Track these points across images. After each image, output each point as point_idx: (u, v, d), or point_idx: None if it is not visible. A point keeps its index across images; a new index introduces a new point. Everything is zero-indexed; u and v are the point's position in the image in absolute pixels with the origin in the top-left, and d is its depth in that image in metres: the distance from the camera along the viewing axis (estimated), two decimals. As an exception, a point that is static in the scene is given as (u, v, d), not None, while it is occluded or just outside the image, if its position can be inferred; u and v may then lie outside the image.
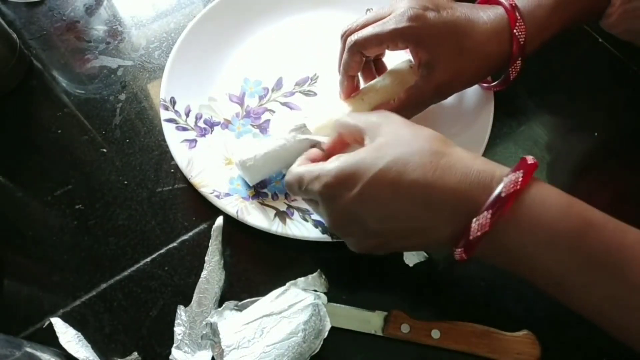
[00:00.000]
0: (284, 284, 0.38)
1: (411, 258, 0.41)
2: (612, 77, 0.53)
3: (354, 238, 0.35)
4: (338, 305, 0.40)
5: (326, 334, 0.37)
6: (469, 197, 0.30)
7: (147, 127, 0.50)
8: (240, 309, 0.38)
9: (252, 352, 0.35)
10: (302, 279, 0.39)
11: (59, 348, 0.38)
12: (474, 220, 0.29)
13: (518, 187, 0.29)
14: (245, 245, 0.42)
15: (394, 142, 0.32)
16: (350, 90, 0.43)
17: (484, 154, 0.45)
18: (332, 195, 0.33)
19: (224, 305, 0.38)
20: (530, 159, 0.30)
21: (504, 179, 0.29)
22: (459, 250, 0.31)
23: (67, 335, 0.39)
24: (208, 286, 0.40)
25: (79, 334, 0.39)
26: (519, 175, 0.29)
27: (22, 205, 0.46)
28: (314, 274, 0.39)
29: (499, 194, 0.29)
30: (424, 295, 0.41)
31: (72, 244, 0.43)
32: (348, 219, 0.33)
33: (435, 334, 0.38)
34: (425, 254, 0.41)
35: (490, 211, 0.29)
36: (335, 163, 0.33)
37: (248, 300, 0.39)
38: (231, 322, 0.37)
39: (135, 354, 0.39)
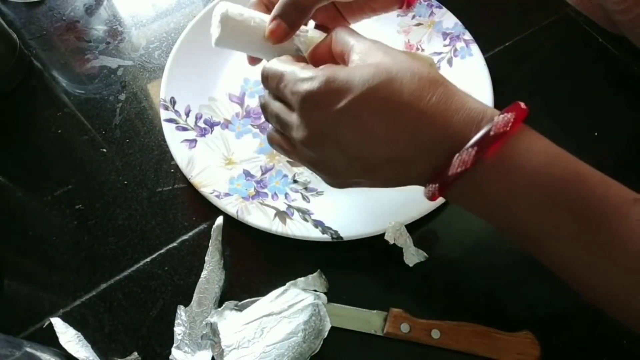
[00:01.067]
0: (284, 284, 0.38)
1: (411, 258, 0.41)
2: (612, 77, 0.53)
3: (323, 160, 0.32)
4: (338, 305, 0.40)
5: (326, 334, 0.37)
6: (457, 131, 0.28)
7: (147, 127, 0.50)
8: (240, 309, 0.38)
9: (252, 352, 0.35)
10: (302, 279, 0.39)
11: (59, 348, 0.38)
12: (457, 155, 0.27)
13: (508, 128, 0.27)
14: (245, 245, 0.42)
15: (391, 61, 0.29)
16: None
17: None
18: (316, 103, 0.29)
19: (224, 305, 0.38)
20: (523, 105, 0.29)
21: (495, 118, 0.28)
22: (434, 186, 0.29)
23: (67, 335, 0.39)
24: (208, 286, 0.40)
25: (79, 334, 0.39)
26: (511, 117, 0.28)
27: (22, 205, 0.46)
28: (314, 274, 0.39)
29: (487, 132, 0.27)
30: (424, 295, 0.41)
31: (72, 244, 0.43)
32: (325, 136, 0.30)
33: (435, 333, 0.38)
34: (425, 254, 0.41)
35: (475, 148, 0.27)
36: (327, 70, 0.29)
37: (248, 300, 0.39)
38: (231, 322, 0.37)
39: (135, 354, 0.39)
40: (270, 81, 0.33)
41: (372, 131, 0.29)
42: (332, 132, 0.29)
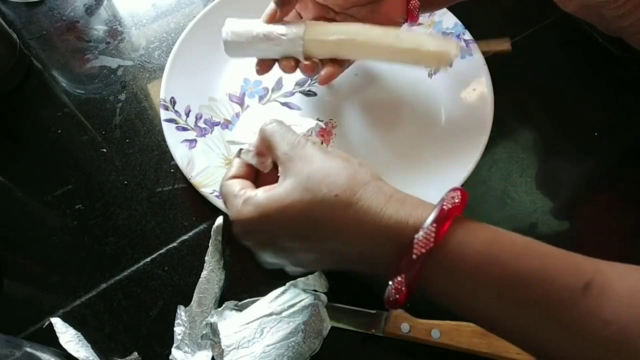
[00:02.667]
0: (284, 284, 0.38)
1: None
2: (612, 77, 0.53)
3: (284, 260, 0.33)
4: (338, 305, 0.40)
5: (326, 334, 0.37)
6: (412, 214, 0.28)
7: (147, 127, 0.50)
8: (240, 309, 0.39)
9: (252, 352, 0.35)
10: (302, 279, 0.39)
11: (59, 348, 0.38)
12: (416, 235, 0.27)
13: (458, 203, 0.28)
14: (245, 245, 0.42)
15: (321, 175, 0.30)
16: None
17: (484, 154, 0.45)
18: (257, 230, 0.31)
19: (224, 305, 0.38)
20: (460, 187, 0.30)
21: (443, 197, 0.28)
22: (399, 279, 0.28)
23: (67, 335, 0.39)
24: (208, 286, 0.40)
25: (79, 334, 0.39)
26: (457, 194, 0.28)
27: (22, 205, 0.46)
28: (314, 274, 0.39)
29: (441, 208, 0.27)
30: (424, 295, 0.41)
31: (72, 244, 0.43)
32: (276, 250, 0.32)
33: (435, 333, 0.38)
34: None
35: (434, 225, 0.27)
36: (263, 195, 0.31)
37: (248, 300, 0.39)
38: (231, 322, 0.37)
39: (135, 354, 0.39)
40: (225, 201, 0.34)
41: (333, 230, 0.29)
42: (280, 245, 0.31)
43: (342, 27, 0.41)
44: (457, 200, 0.28)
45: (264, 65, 0.43)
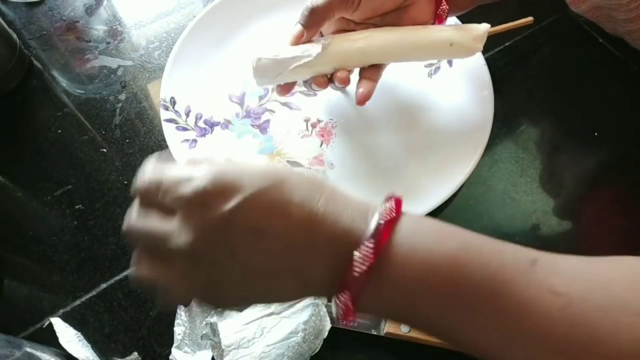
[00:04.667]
0: (284, 284, 0.38)
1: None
2: (612, 77, 0.53)
3: (210, 272, 0.28)
4: (338, 305, 0.40)
5: (326, 334, 0.37)
6: (351, 228, 0.27)
7: (147, 127, 0.50)
8: (240, 309, 0.39)
9: (252, 352, 0.35)
10: (302, 279, 0.39)
11: (59, 348, 0.38)
12: (355, 252, 0.26)
13: (394, 214, 0.27)
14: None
15: (277, 166, 0.29)
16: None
17: (484, 154, 0.45)
18: (203, 204, 0.26)
19: (224, 305, 0.38)
20: (396, 194, 0.28)
21: (379, 209, 0.27)
22: (344, 296, 0.26)
23: (67, 335, 0.39)
24: (208, 286, 0.40)
25: (79, 334, 0.39)
26: (392, 204, 0.27)
27: (22, 205, 0.46)
28: (314, 274, 0.39)
29: (378, 222, 0.26)
30: (424, 295, 0.41)
31: (72, 244, 0.43)
32: (215, 239, 0.27)
33: (435, 334, 0.38)
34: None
35: (372, 241, 0.26)
36: (214, 167, 0.27)
37: (248, 300, 0.39)
38: (231, 322, 0.37)
39: (135, 354, 0.39)
40: (149, 189, 0.28)
41: (264, 232, 0.26)
42: (222, 235, 0.26)
43: (367, 33, 0.40)
44: (392, 214, 0.27)
45: (285, 87, 0.43)
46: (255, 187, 0.26)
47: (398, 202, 0.28)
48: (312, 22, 0.40)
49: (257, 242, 0.26)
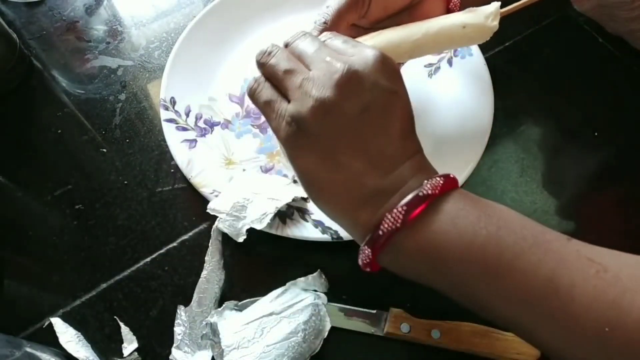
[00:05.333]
0: (284, 284, 0.38)
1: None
2: (612, 77, 0.53)
3: (313, 134, 0.30)
4: (338, 305, 0.40)
5: (326, 334, 0.37)
6: (404, 182, 0.29)
7: (147, 127, 0.50)
8: (240, 309, 0.39)
9: (252, 352, 0.35)
10: (302, 279, 0.39)
11: (59, 348, 0.38)
12: (388, 213, 0.28)
13: (437, 191, 0.28)
14: (245, 245, 0.42)
15: None
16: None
17: (484, 154, 0.45)
18: (373, 70, 0.29)
19: (224, 305, 0.38)
20: (452, 175, 0.30)
21: (427, 181, 0.28)
22: (367, 249, 0.29)
23: (67, 335, 0.39)
24: (208, 286, 0.40)
25: (79, 334, 0.39)
26: (440, 180, 0.28)
27: (22, 205, 0.46)
28: (314, 274, 0.39)
29: (417, 193, 0.28)
30: (424, 294, 0.41)
31: (72, 244, 0.43)
32: (356, 91, 0.29)
33: (435, 333, 0.38)
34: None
35: (404, 207, 0.28)
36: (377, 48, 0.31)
37: (248, 300, 0.39)
38: (231, 322, 0.37)
39: (135, 354, 0.39)
40: (305, 40, 0.33)
41: (388, 128, 0.30)
42: (363, 90, 0.29)
43: (375, 33, 0.39)
44: (436, 190, 0.28)
45: None
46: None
47: (449, 182, 0.29)
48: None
49: (384, 112, 0.30)
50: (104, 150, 0.48)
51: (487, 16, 0.37)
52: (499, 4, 0.38)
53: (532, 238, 0.26)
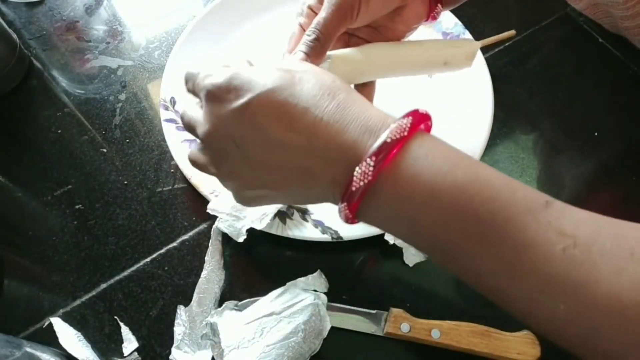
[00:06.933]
0: (284, 284, 0.38)
1: (411, 258, 0.41)
2: (612, 77, 0.53)
3: (225, 163, 0.31)
4: (338, 305, 0.40)
5: (326, 334, 0.37)
6: (353, 141, 0.27)
7: (147, 127, 0.50)
8: (240, 309, 0.39)
9: (252, 352, 0.35)
10: (302, 279, 0.39)
11: (59, 348, 0.38)
12: (357, 168, 0.26)
13: (405, 134, 0.26)
14: (245, 245, 0.42)
15: (299, 68, 0.30)
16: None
17: (484, 154, 0.45)
18: (218, 97, 0.29)
19: (224, 305, 0.38)
20: (422, 110, 0.28)
21: (391, 125, 0.26)
22: (343, 205, 0.28)
23: (67, 335, 0.39)
24: (208, 286, 0.40)
25: (79, 334, 0.39)
26: (407, 122, 0.26)
27: (22, 205, 0.46)
28: (314, 274, 0.39)
29: (384, 140, 0.26)
30: (424, 294, 0.41)
31: (72, 244, 0.43)
32: (226, 132, 0.29)
33: (435, 333, 0.38)
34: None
35: (373, 158, 0.26)
36: (234, 68, 0.30)
37: (248, 300, 0.39)
38: (231, 322, 0.37)
39: (135, 354, 0.39)
40: (189, 79, 0.33)
41: (267, 132, 0.28)
42: (232, 130, 0.29)
43: (365, 49, 0.39)
44: (405, 132, 0.26)
45: None
46: (265, 87, 0.28)
47: (417, 119, 0.27)
48: (318, 51, 0.36)
49: (262, 138, 0.28)
50: (104, 150, 0.48)
51: (466, 57, 0.41)
52: (479, 45, 0.41)
53: (503, 199, 0.25)
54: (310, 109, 0.27)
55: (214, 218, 0.43)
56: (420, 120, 0.27)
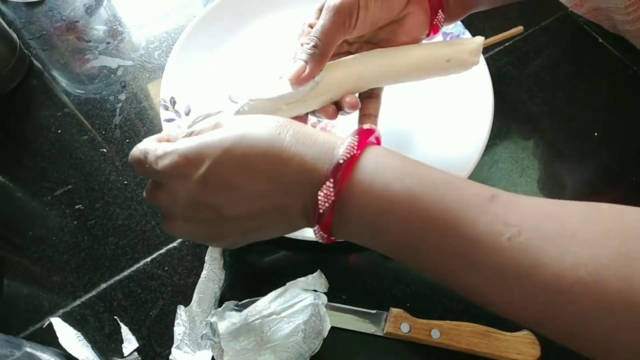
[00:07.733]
0: (284, 284, 0.38)
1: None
2: (612, 77, 0.53)
3: (208, 228, 0.32)
4: (338, 305, 0.40)
5: (326, 334, 0.37)
6: (313, 167, 0.29)
7: (147, 127, 0.50)
8: (240, 309, 0.38)
9: (252, 352, 0.35)
10: (302, 279, 0.39)
11: (59, 348, 0.38)
12: (319, 192, 0.28)
13: (355, 151, 0.28)
14: (245, 245, 0.43)
15: (239, 121, 0.31)
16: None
17: (484, 154, 0.45)
18: (179, 175, 0.30)
19: (224, 305, 0.38)
20: (366, 126, 0.30)
21: (341, 146, 0.29)
22: (317, 227, 0.30)
23: (67, 335, 0.39)
24: (208, 286, 0.40)
25: (79, 334, 0.39)
26: (355, 140, 0.29)
27: (22, 205, 0.46)
28: (314, 274, 0.39)
29: (337, 162, 0.28)
30: (424, 294, 0.41)
31: (72, 244, 0.43)
32: (198, 204, 0.30)
33: (435, 333, 0.38)
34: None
35: (332, 180, 0.28)
36: (181, 143, 0.31)
37: (248, 300, 0.39)
38: (231, 322, 0.37)
39: (135, 354, 0.39)
40: (138, 163, 0.32)
41: (237, 188, 0.29)
42: (204, 199, 0.30)
43: (360, 57, 0.39)
44: (354, 150, 0.28)
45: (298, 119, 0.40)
46: (221, 147, 0.29)
47: (364, 136, 0.29)
48: (317, 59, 0.36)
49: (233, 196, 0.30)
50: (104, 150, 0.48)
51: (471, 52, 0.39)
52: (482, 39, 0.39)
53: (451, 198, 0.27)
54: (268, 152, 0.29)
55: (214, 218, 0.43)
56: (366, 136, 0.30)
